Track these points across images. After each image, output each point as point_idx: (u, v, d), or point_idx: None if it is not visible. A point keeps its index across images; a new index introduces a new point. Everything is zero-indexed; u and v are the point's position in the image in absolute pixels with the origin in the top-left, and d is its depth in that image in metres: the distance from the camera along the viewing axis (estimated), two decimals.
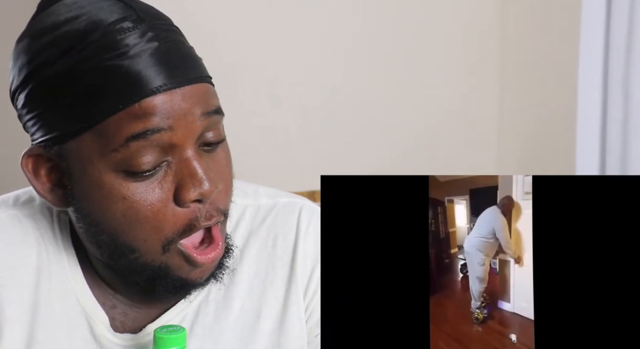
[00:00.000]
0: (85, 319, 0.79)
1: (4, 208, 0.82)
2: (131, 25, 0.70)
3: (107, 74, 0.69)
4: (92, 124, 0.69)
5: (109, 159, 0.70)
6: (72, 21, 0.71)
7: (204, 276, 0.76)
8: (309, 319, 0.87)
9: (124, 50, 0.69)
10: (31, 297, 0.78)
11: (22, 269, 0.78)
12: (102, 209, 0.72)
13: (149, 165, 0.70)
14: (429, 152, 2.57)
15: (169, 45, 0.72)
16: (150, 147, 0.70)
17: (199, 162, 0.72)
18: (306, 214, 0.88)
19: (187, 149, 0.72)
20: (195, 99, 0.72)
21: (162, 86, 0.70)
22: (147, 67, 0.69)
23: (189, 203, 0.72)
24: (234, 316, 0.84)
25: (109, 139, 0.69)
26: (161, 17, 0.74)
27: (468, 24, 2.60)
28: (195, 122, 0.72)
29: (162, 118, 0.70)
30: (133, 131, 0.69)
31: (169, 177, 0.72)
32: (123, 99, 0.69)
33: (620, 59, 2.21)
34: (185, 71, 0.72)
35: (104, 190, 0.71)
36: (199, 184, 0.71)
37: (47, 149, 0.73)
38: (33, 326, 0.78)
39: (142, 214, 0.71)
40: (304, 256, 0.87)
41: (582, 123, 2.30)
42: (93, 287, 0.80)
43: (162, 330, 0.72)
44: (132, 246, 0.73)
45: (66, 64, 0.70)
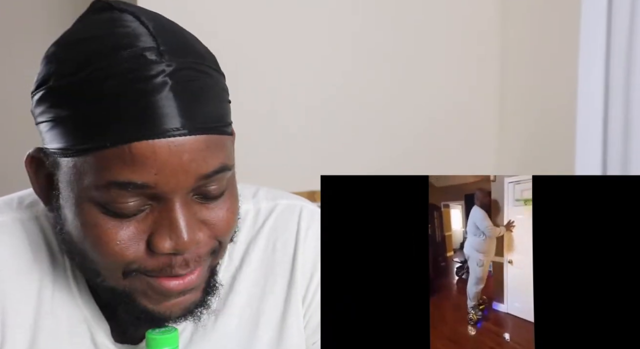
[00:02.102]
0: (87, 326, 0.78)
1: (8, 211, 0.80)
2: (151, 58, 0.65)
3: (105, 103, 0.64)
4: (80, 151, 0.66)
5: (90, 191, 0.66)
6: (99, 39, 0.67)
7: (174, 312, 0.72)
8: (306, 326, 0.87)
9: (131, 84, 0.64)
10: (34, 303, 0.77)
11: (26, 275, 0.77)
12: (75, 229, 0.69)
13: (130, 209, 0.66)
14: (429, 152, 2.57)
15: (185, 86, 0.65)
16: (131, 195, 0.66)
17: (184, 213, 0.67)
18: (306, 218, 0.87)
19: (174, 201, 0.67)
20: (193, 154, 0.65)
21: (160, 133, 0.64)
22: (151, 107, 0.64)
23: (163, 254, 0.68)
24: (233, 324, 0.83)
25: (93, 174, 0.65)
26: (190, 54, 0.68)
27: (468, 24, 2.60)
28: (188, 181, 0.66)
29: (148, 171, 0.64)
30: (116, 179, 0.64)
31: (149, 220, 0.68)
32: (113, 137, 0.64)
33: (621, 59, 2.21)
34: (193, 118, 0.65)
35: (80, 214, 0.68)
36: (177, 236, 0.67)
37: (46, 156, 0.71)
38: (35, 333, 0.77)
39: (109, 247, 0.67)
40: (304, 262, 0.86)
41: (582, 123, 2.30)
42: (95, 294, 0.79)
43: (155, 331, 0.71)
44: (95, 270, 0.71)
45: (73, 82, 0.66)
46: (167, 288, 0.70)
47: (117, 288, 0.71)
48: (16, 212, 0.80)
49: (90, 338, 0.79)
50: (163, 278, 0.70)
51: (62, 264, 0.78)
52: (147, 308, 0.71)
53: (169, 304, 0.71)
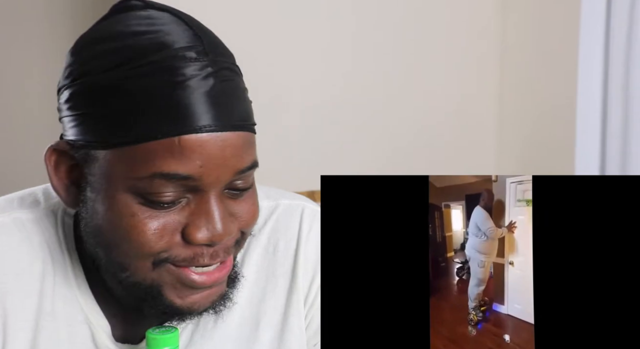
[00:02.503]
0: (88, 326, 0.78)
1: (9, 211, 0.80)
2: (195, 56, 0.68)
3: (155, 98, 0.66)
4: (125, 144, 0.67)
5: (130, 183, 0.68)
6: (139, 36, 0.69)
7: (201, 306, 0.73)
8: (308, 327, 0.87)
9: (181, 79, 0.67)
10: (35, 303, 0.77)
11: (27, 275, 0.77)
12: (107, 221, 0.70)
13: (169, 199, 0.68)
14: (429, 152, 2.57)
15: (224, 86, 0.69)
16: (174, 186, 0.68)
17: (219, 206, 0.70)
18: (308, 218, 0.87)
19: (211, 194, 0.69)
20: (234, 150, 0.69)
21: (206, 126, 0.67)
22: (197, 103, 0.67)
23: (197, 244, 0.70)
24: (234, 324, 0.83)
25: (136, 166, 0.67)
26: (225, 54, 0.72)
27: (468, 24, 2.60)
28: (227, 174, 0.69)
29: (194, 163, 0.67)
30: (162, 170, 0.67)
31: (185, 212, 0.70)
32: (163, 129, 0.66)
33: (620, 59, 2.21)
34: (232, 116, 0.69)
35: (116, 206, 0.69)
36: (213, 227, 0.69)
37: (74, 149, 0.71)
38: (36, 333, 0.77)
39: (145, 236, 0.69)
40: (305, 263, 0.86)
41: (582, 123, 2.30)
42: (96, 294, 0.79)
43: (155, 331, 0.71)
44: (123, 264, 0.71)
45: (118, 76, 0.67)
46: (196, 281, 0.71)
47: (143, 282, 0.71)
48: (17, 212, 0.80)
49: (90, 338, 0.78)
50: (192, 271, 0.71)
51: (64, 263, 0.78)
52: (173, 302, 0.72)
53: (197, 297, 0.73)
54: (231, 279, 0.76)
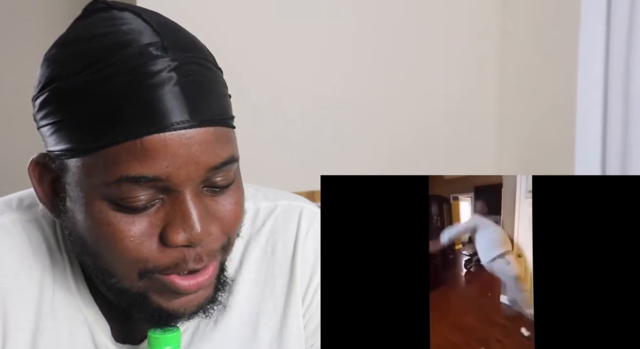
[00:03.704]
0: (88, 327, 0.78)
1: (8, 212, 0.80)
2: (154, 53, 0.66)
3: (116, 100, 0.65)
4: (91, 150, 0.66)
5: (101, 188, 0.67)
6: (99, 38, 0.68)
7: (188, 309, 0.72)
8: (305, 327, 0.87)
9: (140, 78, 0.65)
10: (35, 305, 0.77)
11: (26, 277, 0.77)
12: (86, 230, 0.70)
13: (142, 203, 0.67)
14: (429, 152, 2.57)
15: (188, 81, 0.67)
16: (143, 189, 0.66)
17: (195, 204, 0.68)
18: (306, 219, 0.87)
19: (185, 192, 0.67)
20: (203, 146, 0.67)
21: (169, 126, 0.65)
22: (158, 102, 0.65)
23: (175, 246, 0.68)
24: (233, 325, 0.83)
25: (103, 172, 0.66)
26: (192, 49, 0.70)
27: (468, 24, 2.60)
28: (198, 172, 0.67)
29: (160, 164, 0.65)
30: (128, 173, 0.65)
31: (160, 213, 0.68)
32: (124, 132, 0.65)
33: (621, 58, 2.21)
34: (198, 112, 0.67)
35: (92, 214, 0.68)
36: (190, 228, 0.67)
37: (52, 160, 0.71)
38: (36, 334, 0.77)
39: (123, 244, 0.68)
40: (303, 263, 0.86)
41: (582, 123, 2.30)
42: (95, 295, 0.79)
43: (157, 330, 0.71)
44: (110, 271, 0.71)
45: (81, 81, 0.66)
46: (182, 287, 0.71)
47: (131, 289, 0.71)
48: (16, 213, 0.80)
49: (90, 339, 0.78)
50: (178, 277, 0.70)
51: (62, 264, 0.78)
52: (161, 306, 0.71)
53: (183, 301, 0.72)
54: (220, 283, 0.75)
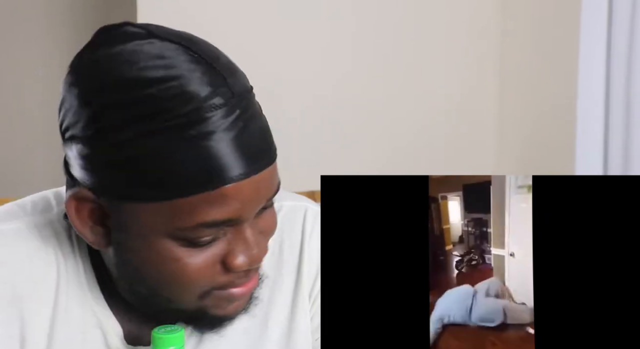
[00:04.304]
0: (101, 330, 0.79)
1: (22, 216, 0.79)
2: (221, 101, 0.66)
3: (186, 153, 0.65)
4: (158, 199, 0.67)
5: (171, 231, 0.69)
6: (158, 84, 0.65)
7: (239, 309, 0.77)
8: (311, 322, 0.88)
9: (210, 130, 0.65)
10: (50, 309, 0.77)
11: (42, 281, 0.77)
12: (147, 264, 0.71)
13: (210, 238, 0.71)
14: (429, 152, 2.57)
15: (251, 126, 0.68)
16: (216, 228, 0.70)
17: (252, 231, 0.72)
18: (310, 218, 0.89)
19: (246, 224, 0.72)
20: (265, 184, 0.71)
21: (240, 175, 0.67)
22: (229, 153, 0.66)
23: (238, 271, 0.73)
24: (243, 323, 0.84)
25: (178, 217, 0.68)
26: (247, 88, 0.71)
27: (468, 24, 2.60)
28: (260, 205, 0.72)
29: (234, 208, 0.69)
30: (204, 220, 0.68)
31: (223, 243, 0.72)
32: (199, 184, 0.66)
33: (622, 58, 2.20)
34: (261, 156, 0.70)
35: (157, 251, 0.70)
36: (249, 252, 0.72)
37: (97, 196, 0.70)
38: (51, 338, 0.77)
39: (189, 276, 0.71)
40: (309, 262, 0.87)
41: (582, 123, 2.30)
42: (109, 298, 0.79)
43: (160, 330, 0.71)
44: (170, 298, 0.74)
45: (142, 131, 0.65)
46: (237, 295, 0.75)
47: (189, 308, 0.74)
48: (31, 217, 0.79)
49: (103, 341, 0.79)
50: (233, 288, 0.74)
51: (76, 269, 0.78)
52: (216, 315, 0.75)
53: (236, 305, 0.76)
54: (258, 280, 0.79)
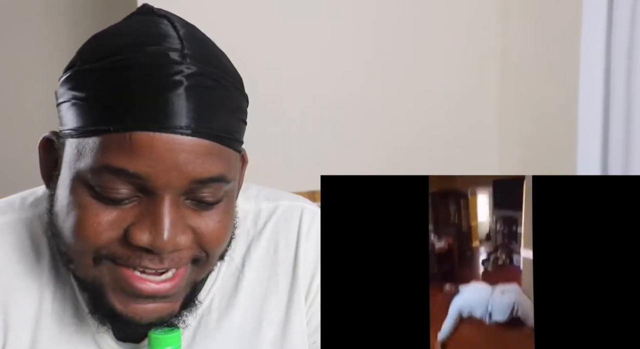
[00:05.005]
0: (89, 325, 0.79)
1: (11, 211, 0.81)
2: (174, 58, 0.67)
3: (122, 90, 0.66)
4: (85, 133, 0.68)
5: (84, 174, 0.68)
6: (127, 35, 0.70)
7: (144, 318, 0.71)
8: (307, 325, 0.88)
9: (148, 76, 0.66)
10: (36, 303, 0.77)
11: (28, 276, 0.78)
12: (61, 208, 0.70)
13: (119, 196, 0.67)
14: (430, 153, 2.57)
15: (199, 90, 0.67)
16: (123, 183, 0.67)
17: (171, 212, 0.67)
18: (307, 219, 0.88)
19: (164, 198, 0.67)
20: (190, 156, 0.66)
21: (161, 127, 0.65)
22: (158, 102, 0.65)
23: (136, 246, 0.68)
24: (236, 324, 0.84)
25: (91, 157, 0.67)
26: (213, 65, 0.70)
27: (468, 24, 2.60)
28: (180, 180, 0.67)
29: (143, 162, 0.65)
30: (109, 163, 0.66)
31: (134, 211, 0.68)
32: (117, 123, 0.65)
33: (622, 58, 2.21)
34: (198, 122, 0.66)
35: (71, 194, 0.69)
36: (157, 233, 0.67)
37: (57, 138, 0.73)
38: (37, 333, 0.77)
39: (87, 228, 0.68)
40: (305, 263, 0.87)
41: (583, 123, 2.30)
42: None
43: (157, 330, 0.71)
44: (68, 255, 0.71)
45: (101, 67, 0.68)
46: (135, 286, 0.70)
47: (86, 278, 0.71)
48: (18, 213, 0.81)
49: (92, 337, 0.79)
50: (133, 275, 0.69)
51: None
52: (114, 307, 0.71)
53: (138, 308, 0.71)
54: (189, 303, 0.75)
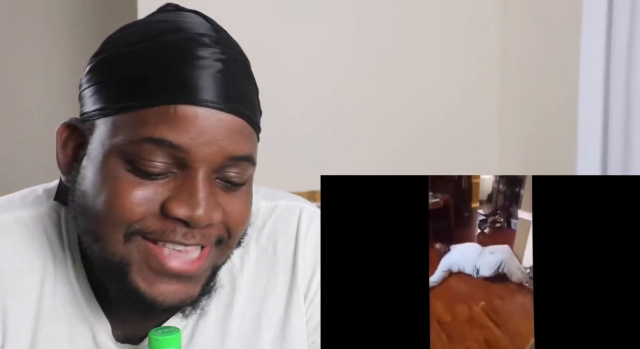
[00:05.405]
0: (88, 325, 0.78)
1: (11, 210, 0.80)
2: (208, 42, 0.71)
3: (163, 69, 0.69)
4: (125, 109, 0.69)
5: (122, 147, 0.69)
6: (160, 23, 0.73)
7: (167, 300, 0.71)
8: (306, 324, 0.87)
9: (189, 57, 0.69)
10: (35, 302, 0.77)
11: (27, 276, 0.77)
12: (91, 185, 0.71)
13: (156, 170, 0.69)
14: (430, 153, 2.57)
15: (232, 73, 0.71)
16: (162, 154, 0.68)
17: (205, 187, 0.70)
18: (305, 218, 0.88)
19: (199, 171, 0.69)
20: (228, 131, 0.70)
21: (203, 101, 0.68)
22: (200, 79, 0.69)
23: (174, 218, 0.69)
24: (235, 323, 0.84)
25: (130, 130, 0.69)
26: (241, 54, 0.76)
27: (469, 24, 2.60)
28: (218, 155, 0.70)
29: (185, 134, 0.68)
30: (152, 135, 0.68)
31: (170, 185, 0.70)
32: (162, 96, 0.68)
33: (622, 58, 2.21)
34: (233, 100, 0.70)
35: (104, 169, 0.70)
36: (194, 206, 0.69)
37: (81, 122, 0.74)
38: (36, 333, 0.77)
39: (122, 201, 0.69)
40: (304, 262, 0.87)
41: (583, 123, 2.30)
42: (98, 294, 0.79)
43: (157, 332, 0.71)
44: (97, 233, 0.71)
45: (135, 50, 0.71)
46: (164, 263, 0.70)
47: (113, 257, 0.71)
48: (19, 211, 0.80)
49: (91, 338, 0.79)
50: (163, 252, 0.70)
51: (65, 262, 0.78)
52: (138, 286, 0.71)
53: (163, 288, 0.71)
54: (208, 287, 0.75)
